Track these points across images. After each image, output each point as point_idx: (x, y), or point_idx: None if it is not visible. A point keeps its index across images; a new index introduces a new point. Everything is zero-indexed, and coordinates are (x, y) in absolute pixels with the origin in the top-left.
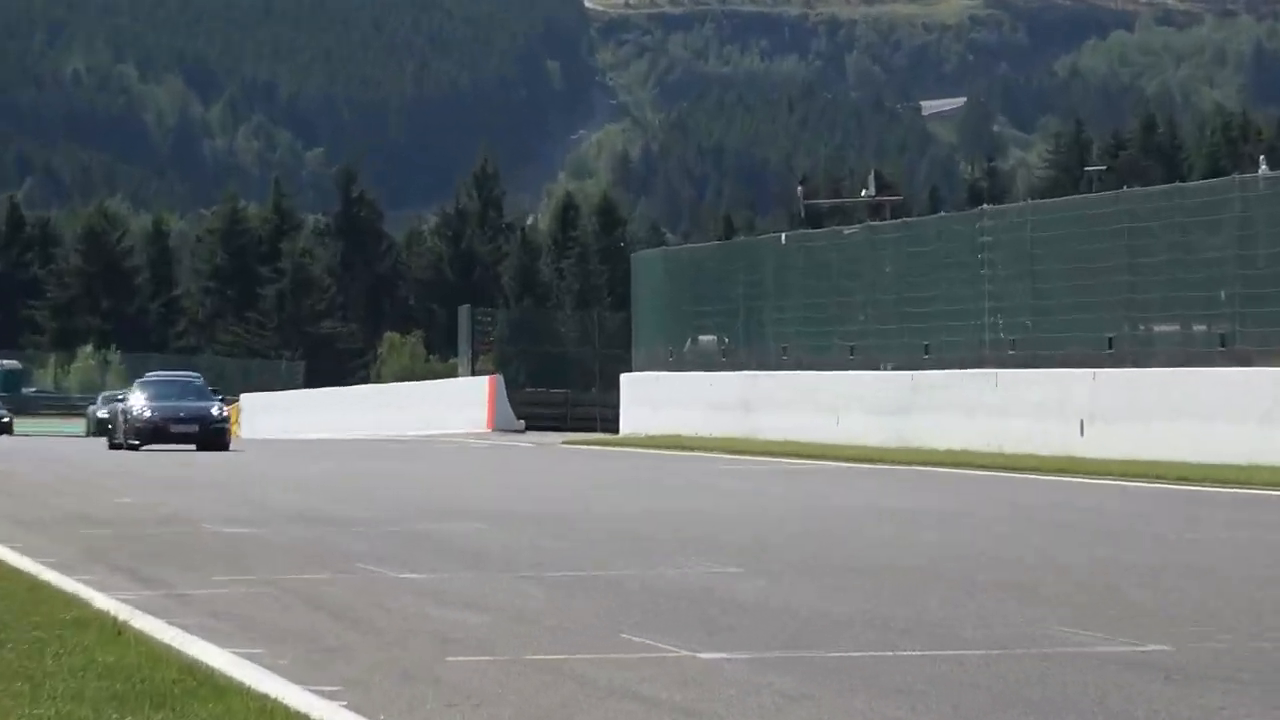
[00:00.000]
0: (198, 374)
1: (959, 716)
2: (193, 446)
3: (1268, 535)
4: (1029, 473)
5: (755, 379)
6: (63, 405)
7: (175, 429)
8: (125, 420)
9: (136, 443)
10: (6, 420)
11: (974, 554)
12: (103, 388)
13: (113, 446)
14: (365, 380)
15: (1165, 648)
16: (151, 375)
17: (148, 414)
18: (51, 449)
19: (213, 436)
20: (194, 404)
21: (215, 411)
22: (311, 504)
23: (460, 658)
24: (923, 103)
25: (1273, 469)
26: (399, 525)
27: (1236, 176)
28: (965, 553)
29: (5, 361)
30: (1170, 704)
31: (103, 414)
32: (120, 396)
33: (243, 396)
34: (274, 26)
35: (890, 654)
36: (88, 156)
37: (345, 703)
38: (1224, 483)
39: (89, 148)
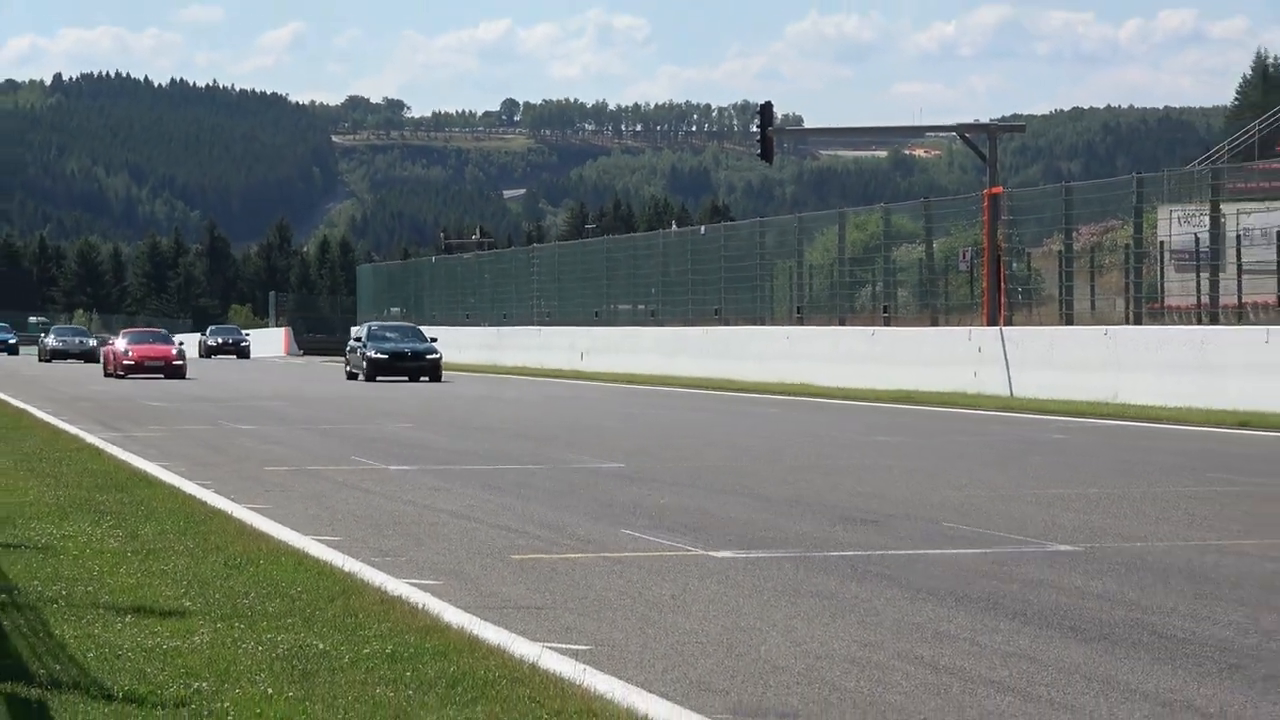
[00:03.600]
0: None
1: (523, 495)
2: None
3: (671, 413)
4: (555, 379)
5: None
6: None
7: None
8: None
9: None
10: None
11: (527, 420)
12: None
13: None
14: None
15: (622, 465)
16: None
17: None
18: None
19: None
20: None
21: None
22: (194, 392)
23: (272, 468)
24: (504, 191)
25: (675, 378)
26: (241, 402)
27: (660, 231)
28: (525, 420)
29: None
30: (628, 494)
31: None
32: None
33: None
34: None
35: (488, 468)
36: None
37: (214, 490)
38: (649, 384)
39: None
